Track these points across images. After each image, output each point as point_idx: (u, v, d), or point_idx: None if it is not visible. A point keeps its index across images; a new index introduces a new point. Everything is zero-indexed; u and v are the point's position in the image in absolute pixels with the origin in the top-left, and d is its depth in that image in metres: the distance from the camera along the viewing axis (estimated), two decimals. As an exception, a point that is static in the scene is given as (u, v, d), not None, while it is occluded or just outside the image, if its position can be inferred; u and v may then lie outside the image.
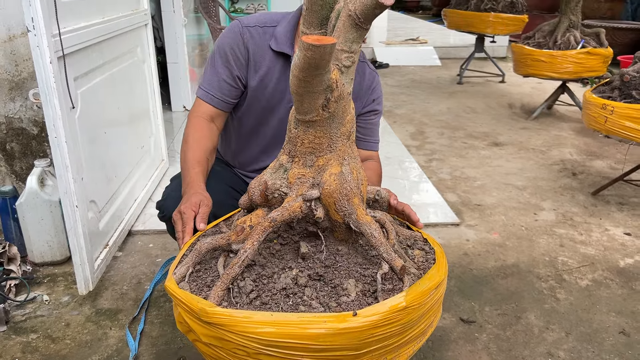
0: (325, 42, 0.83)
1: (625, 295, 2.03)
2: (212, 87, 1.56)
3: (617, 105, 2.45)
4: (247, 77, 1.56)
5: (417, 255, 1.13)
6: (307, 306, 0.95)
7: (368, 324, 0.90)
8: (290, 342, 0.89)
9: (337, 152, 1.05)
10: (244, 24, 1.56)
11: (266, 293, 0.99)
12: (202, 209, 1.27)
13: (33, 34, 1.58)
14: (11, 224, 2.14)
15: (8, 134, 2.20)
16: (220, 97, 1.56)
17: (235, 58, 1.53)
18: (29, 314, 1.87)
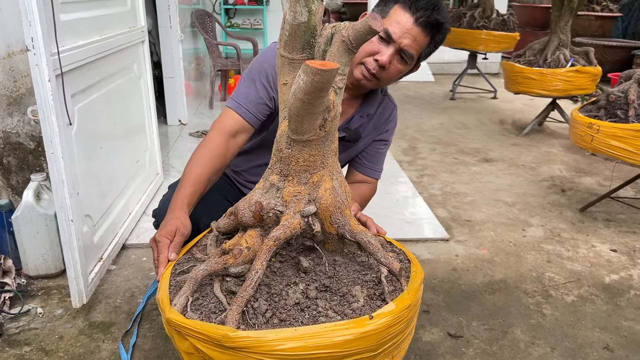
0: (330, 67, 0.89)
1: (610, 311, 2.07)
2: (247, 101, 1.54)
3: (602, 125, 2.51)
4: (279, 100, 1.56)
5: (391, 256, 1.18)
6: (325, 317, 1.00)
7: (384, 325, 0.98)
8: (317, 353, 0.93)
9: (328, 168, 1.10)
10: None
11: (280, 310, 1.02)
12: (176, 238, 1.24)
13: (32, 53, 1.62)
14: (7, 237, 2.17)
15: (5, 148, 2.23)
16: (253, 112, 1.54)
17: (273, 79, 1.54)
18: (23, 326, 1.90)
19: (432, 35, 1.48)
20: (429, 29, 1.46)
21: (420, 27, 1.44)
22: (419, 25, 1.44)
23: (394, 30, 1.45)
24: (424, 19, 1.44)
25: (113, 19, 2.35)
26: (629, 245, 2.58)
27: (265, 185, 1.15)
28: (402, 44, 1.45)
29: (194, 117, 4.59)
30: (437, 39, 1.51)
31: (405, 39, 1.44)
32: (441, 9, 1.47)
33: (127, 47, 2.51)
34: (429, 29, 1.46)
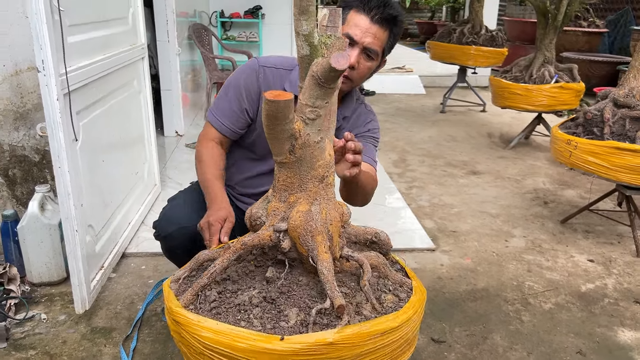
0: (283, 98, 1.01)
1: (584, 318, 2.19)
2: (222, 115, 1.71)
3: (580, 141, 2.64)
4: (257, 112, 1.72)
5: (388, 300, 1.21)
6: (248, 323, 1.10)
7: (291, 350, 1.02)
8: (223, 350, 1.05)
9: (307, 192, 1.19)
10: (261, 63, 1.72)
11: (225, 305, 1.15)
12: (227, 225, 1.48)
13: (43, 74, 1.73)
14: (12, 245, 2.27)
15: (11, 160, 2.34)
16: (228, 126, 1.71)
17: (247, 93, 1.69)
18: (28, 331, 2.00)
19: (389, 29, 1.60)
20: (386, 24, 1.58)
21: (377, 24, 1.56)
22: (376, 23, 1.56)
23: (355, 32, 1.57)
24: (378, 16, 1.56)
25: (115, 38, 2.47)
26: (605, 255, 2.71)
27: (265, 197, 1.28)
28: (365, 43, 1.57)
29: (190, 128, 4.71)
30: (395, 31, 1.63)
31: (366, 37, 1.56)
32: (392, 4, 1.60)
33: (129, 64, 2.63)
34: (386, 24, 1.58)
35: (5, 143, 2.30)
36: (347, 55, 1.04)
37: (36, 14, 1.68)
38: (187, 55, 4.92)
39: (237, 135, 1.75)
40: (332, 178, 1.24)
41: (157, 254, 2.53)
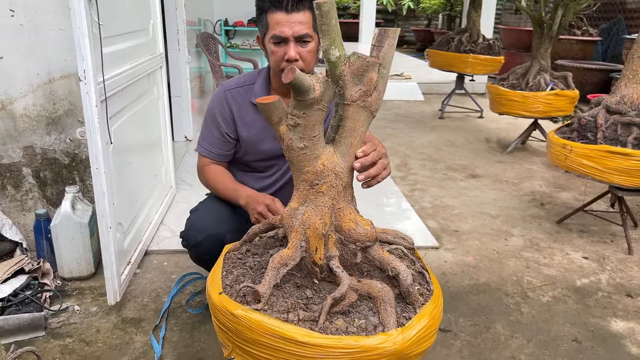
0: (266, 101, 1.22)
1: (580, 309, 2.36)
2: (208, 144, 1.95)
3: (575, 145, 2.82)
4: (237, 130, 1.91)
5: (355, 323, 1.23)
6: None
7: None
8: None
9: (299, 192, 1.32)
10: (226, 88, 1.93)
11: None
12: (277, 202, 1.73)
13: (84, 83, 1.89)
14: (44, 242, 2.42)
15: (42, 163, 2.49)
16: (216, 152, 1.94)
17: (223, 118, 1.90)
18: (63, 321, 2.14)
19: (308, 7, 1.70)
20: (302, 6, 1.69)
21: (294, 12, 1.68)
22: (292, 11, 1.68)
23: (281, 30, 1.69)
24: (290, 3, 1.67)
25: (139, 48, 2.63)
26: (599, 253, 2.88)
27: None
28: (294, 34, 1.69)
29: (198, 134, 4.85)
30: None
31: (292, 28, 1.68)
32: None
33: (150, 72, 2.78)
34: (301, 6, 1.69)
35: (38, 146, 2.45)
36: (293, 69, 1.16)
37: (79, 28, 1.84)
38: (195, 62, 5.08)
39: (227, 157, 1.97)
40: (325, 188, 1.29)
41: (177, 252, 2.69)
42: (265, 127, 1.90)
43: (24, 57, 2.31)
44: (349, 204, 1.36)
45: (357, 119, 1.28)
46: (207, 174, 1.96)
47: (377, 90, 1.28)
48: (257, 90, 1.88)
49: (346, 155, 1.31)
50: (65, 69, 2.37)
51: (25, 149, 2.45)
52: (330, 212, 1.31)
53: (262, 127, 1.91)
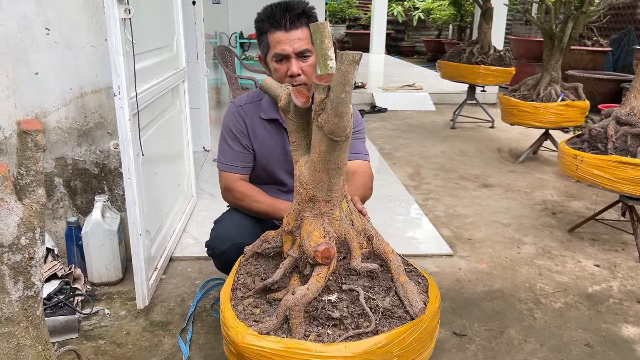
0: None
1: (592, 315, 2.42)
2: (229, 159, 2.01)
3: (586, 156, 2.89)
4: (252, 144, 2.01)
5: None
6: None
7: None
8: None
9: None
10: (237, 104, 2.04)
11: None
12: None
13: (118, 98, 2.01)
14: (74, 249, 2.53)
15: (73, 173, 2.60)
16: (239, 164, 2.01)
17: (239, 131, 2.00)
18: (94, 324, 2.25)
19: (305, 23, 1.78)
20: (299, 23, 1.77)
21: (292, 29, 1.77)
22: (291, 29, 1.76)
23: (282, 48, 1.79)
24: (288, 22, 1.76)
25: (165, 63, 2.75)
26: (610, 261, 2.94)
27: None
28: (294, 50, 1.78)
29: (215, 144, 4.98)
30: (313, 18, 1.80)
31: (292, 45, 1.77)
32: (292, 4, 1.77)
33: (174, 86, 2.90)
34: (298, 23, 1.77)
35: (69, 157, 2.57)
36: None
37: (114, 47, 1.96)
38: (212, 74, 5.21)
39: (248, 169, 2.04)
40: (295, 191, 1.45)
41: (200, 258, 2.79)
42: (275, 139, 2.01)
43: (58, 73, 2.44)
44: (317, 218, 1.40)
45: (315, 137, 1.33)
46: (237, 191, 1.98)
47: (325, 112, 1.25)
48: (264, 106, 1.99)
49: (310, 168, 1.37)
50: (96, 84, 2.49)
51: (57, 159, 2.57)
52: (295, 215, 1.43)
53: (273, 140, 2.01)
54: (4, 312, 1.17)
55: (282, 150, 2.01)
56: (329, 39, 1.33)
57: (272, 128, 2.00)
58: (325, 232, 1.38)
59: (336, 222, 1.40)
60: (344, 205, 1.43)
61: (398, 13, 14.63)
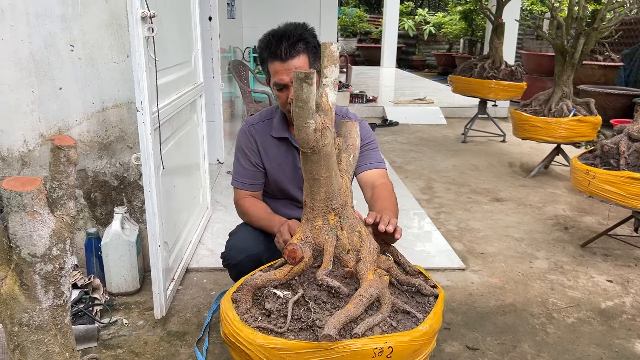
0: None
1: (604, 331, 2.43)
2: (241, 177, 2.09)
3: (598, 172, 2.91)
4: (262, 161, 2.06)
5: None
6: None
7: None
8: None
9: None
10: (249, 123, 2.10)
11: None
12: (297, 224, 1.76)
13: (140, 113, 2.07)
14: (94, 260, 2.59)
15: (93, 185, 2.67)
16: (249, 182, 2.08)
17: (250, 150, 2.06)
18: (113, 333, 2.30)
19: (303, 51, 1.83)
20: (296, 52, 1.81)
21: (290, 59, 1.80)
22: (288, 58, 1.80)
23: (280, 78, 1.84)
24: (285, 52, 1.80)
25: (184, 79, 2.82)
26: (623, 277, 2.95)
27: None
28: (292, 79, 1.76)
29: (229, 157, 5.04)
30: (310, 47, 1.85)
31: (290, 75, 1.80)
32: (288, 33, 1.82)
33: (192, 101, 2.97)
34: (296, 52, 1.81)
35: (90, 170, 2.64)
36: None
37: (138, 64, 2.02)
38: (226, 88, 5.29)
39: (259, 185, 2.11)
40: None
41: (216, 269, 2.84)
42: (286, 156, 2.06)
43: (81, 88, 2.51)
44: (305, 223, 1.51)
45: None
46: (242, 207, 2.08)
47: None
48: (275, 125, 2.05)
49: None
50: (117, 99, 2.56)
51: (79, 172, 2.64)
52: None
53: (283, 157, 2.07)
54: (35, 320, 1.22)
55: (293, 167, 2.06)
56: (328, 59, 1.38)
57: (283, 146, 2.06)
58: (305, 236, 1.47)
59: (316, 231, 1.47)
60: (331, 218, 1.46)
61: (409, 27, 14.73)
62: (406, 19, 14.86)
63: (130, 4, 1.96)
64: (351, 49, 15.59)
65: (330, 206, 1.45)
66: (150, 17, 2.05)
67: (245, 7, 7.00)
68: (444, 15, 14.42)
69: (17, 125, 2.52)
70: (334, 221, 1.46)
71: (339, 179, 1.45)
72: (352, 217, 1.49)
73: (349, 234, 1.47)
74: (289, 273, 1.43)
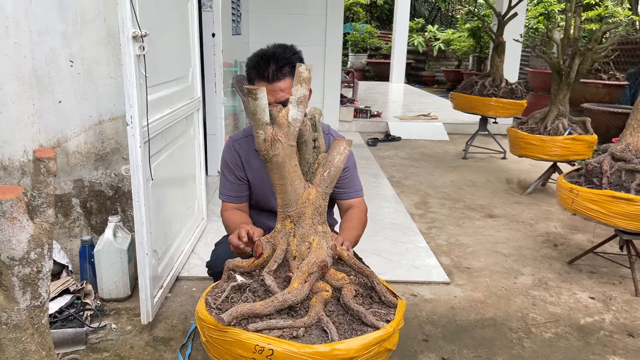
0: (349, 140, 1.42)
1: (580, 346, 2.48)
2: (227, 190, 2.18)
3: (581, 190, 2.97)
4: (246, 174, 2.16)
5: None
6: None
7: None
8: None
9: None
10: (234, 139, 2.20)
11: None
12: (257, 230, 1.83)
13: (130, 127, 2.18)
14: (87, 266, 2.69)
15: (89, 195, 2.78)
16: (233, 195, 2.17)
17: (234, 164, 2.15)
18: (101, 337, 2.39)
19: (289, 73, 1.92)
20: (282, 75, 1.90)
21: (276, 81, 1.90)
22: (274, 80, 1.90)
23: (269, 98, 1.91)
24: (272, 74, 1.89)
25: (179, 94, 2.94)
26: (606, 294, 2.99)
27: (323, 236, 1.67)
28: (277, 100, 1.91)
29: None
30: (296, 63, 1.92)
31: (275, 96, 1.90)
32: (276, 55, 1.91)
33: (188, 115, 3.08)
34: (281, 75, 1.90)
35: (87, 180, 2.76)
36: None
37: (129, 80, 2.14)
38: (229, 101, 5.43)
39: (241, 198, 2.19)
40: None
41: (206, 278, 2.92)
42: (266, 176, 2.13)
43: (79, 102, 2.64)
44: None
45: None
46: (224, 219, 2.16)
47: None
48: None
49: None
50: (113, 112, 2.68)
51: (75, 181, 2.76)
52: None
53: (264, 176, 2.14)
54: (13, 320, 1.31)
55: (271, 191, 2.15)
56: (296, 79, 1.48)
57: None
58: (270, 236, 1.65)
59: (275, 233, 1.63)
60: (287, 224, 1.59)
61: (419, 43, 14.86)
62: (416, 36, 14.99)
63: (122, 24, 2.08)
64: (361, 64, 15.74)
65: (287, 213, 1.55)
66: (142, 36, 2.17)
67: (253, 23, 7.17)
68: (453, 32, 14.54)
69: (19, 136, 2.65)
70: (288, 227, 1.56)
71: (296, 189, 1.54)
72: (307, 227, 1.57)
73: (299, 243, 1.55)
74: (251, 264, 1.60)
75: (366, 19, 18.27)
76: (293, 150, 1.55)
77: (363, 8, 17.92)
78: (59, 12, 2.52)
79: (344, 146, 1.68)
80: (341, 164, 1.67)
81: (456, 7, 18.68)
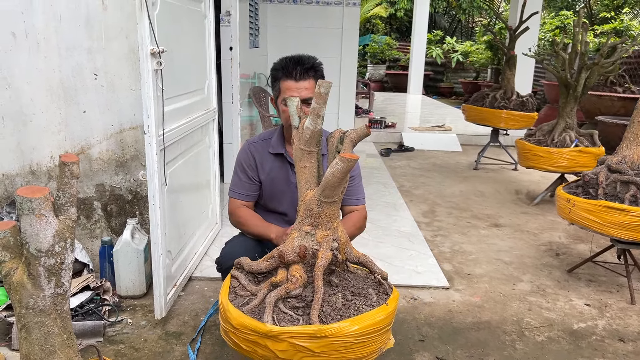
0: (355, 157, 1.59)
1: (571, 349, 2.58)
2: (238, 188, 2.35)
3: (578, 200, 3.08)
4: (259, 175, 2.32)
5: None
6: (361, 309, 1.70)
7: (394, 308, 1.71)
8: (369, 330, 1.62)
9: (339, 218, 1.76)
10: (250, 142, 2.39)
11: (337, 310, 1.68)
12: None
13: (147, 136, 2.37)
14: (106, 265, 2.89)
15: (110, 198, 2.99)
16: (245, 193, 2.34)
17: (248, 165, 2.33)
18: (118, 331, 2.57)
19: (312, 76, 2.13)
20: (307, 76, 2.12)
21: (301, 80, 2.12)
22: (300, 79, 2.12)
23: (290, 94, 2.10)
24: (298, 73, 2.11)
25: (195, 105, 3.13)
26: (602, 301, 3.08)
27: (302, 234, 1.80)
28: (301, 97, 2.06)
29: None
30: (318, 74, 2.16)
31: (300, 93, 2.10)
32: (303, 59, 2.14)
33: (203, 125, 3.28)
34: (307, 76, 2.12)
35: (107, 184, 2.96)
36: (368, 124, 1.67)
37: (146, 93, 2.34)
38: (245, 111, 5.63)
39: (252, 197, 2.36)
40: None
41: (217, 279, 3.09)
42: (280, 172, 2.32)
43: (102, 112, 2.85)
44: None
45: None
46: (238, 217, 2.32)
47: None
48: (273, 143, 2.32)
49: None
50: (134, 122, 2.89)
51: (97, 186, 2.96)
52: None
53: (277, 172, 2.32)
54: (39, 305, 1.50)
55: (286, 181, 2.32)
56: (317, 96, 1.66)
57: (278, 161, 2.32)
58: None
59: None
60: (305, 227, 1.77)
61: (437, 55, 14.98)
62: (434, 47, 15.12)
63: (141, 42, 2.28)
64: (380, 75, 15.91)
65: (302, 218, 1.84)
66: (159, 53, 2.36)
67: (271, 36, 7.40)
68: (471, 44, 14.63)
69: (46, 142, 2.87)
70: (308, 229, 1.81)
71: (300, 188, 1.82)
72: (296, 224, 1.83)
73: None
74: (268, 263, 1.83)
75: (385, 30, 18.46)
76: (304, 154, 1.73)
77: (382, 20, 18.12)
78: (85, 30, 2.74)
79: (336, 161, 1.86)
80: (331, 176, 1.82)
81: (476, 19, 18.77)
